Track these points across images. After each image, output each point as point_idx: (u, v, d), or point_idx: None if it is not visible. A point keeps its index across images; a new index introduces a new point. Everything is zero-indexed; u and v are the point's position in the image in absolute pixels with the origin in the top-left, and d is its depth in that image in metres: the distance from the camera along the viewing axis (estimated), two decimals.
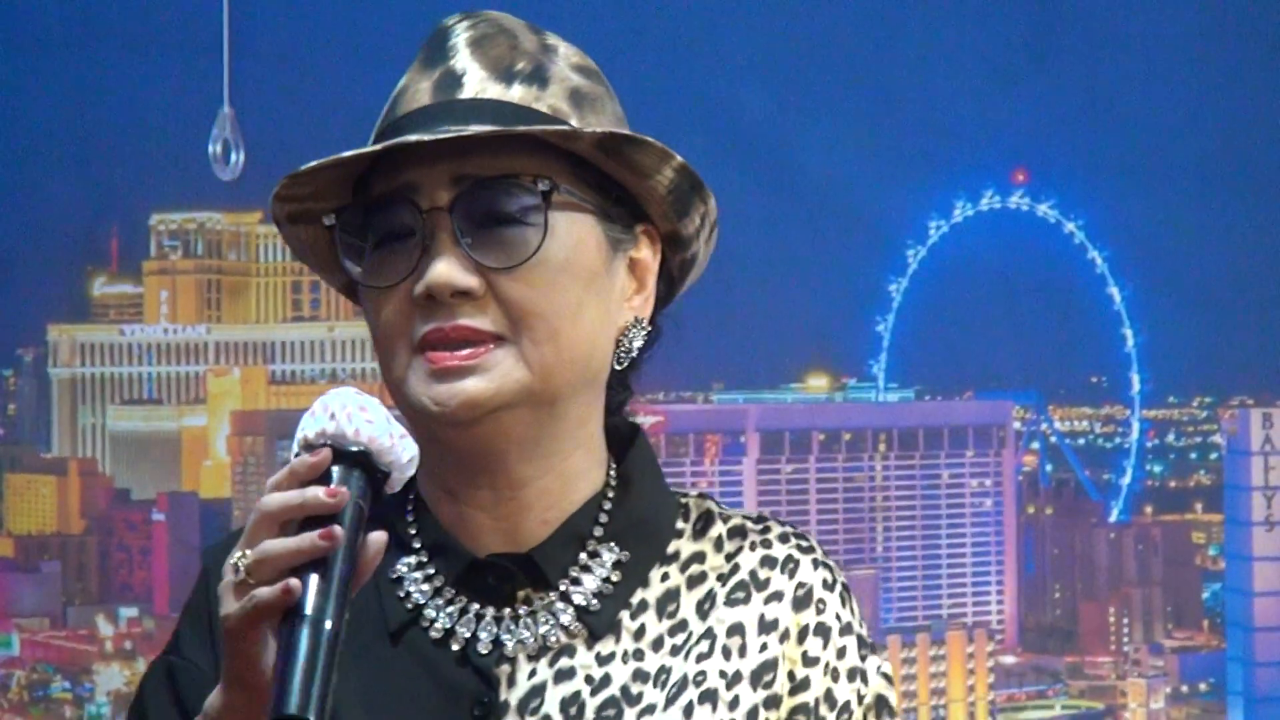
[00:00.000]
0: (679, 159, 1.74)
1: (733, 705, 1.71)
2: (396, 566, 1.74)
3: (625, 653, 1.72)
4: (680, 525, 1.79)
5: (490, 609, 1.73)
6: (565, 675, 1.71)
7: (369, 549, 1.55)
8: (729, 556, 1.77)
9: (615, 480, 1.78)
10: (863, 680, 1.76)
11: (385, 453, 1.57)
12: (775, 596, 1.75)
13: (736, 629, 1.74)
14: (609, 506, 1.76)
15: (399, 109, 1.74)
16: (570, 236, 1.71)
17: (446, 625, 1.72)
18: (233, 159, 16.00)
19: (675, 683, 1.72)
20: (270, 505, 1.55)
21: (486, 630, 1.72)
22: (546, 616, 1.72)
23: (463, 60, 1.73)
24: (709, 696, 1.71)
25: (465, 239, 1.68)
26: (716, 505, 1.81)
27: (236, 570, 1.54)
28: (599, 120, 1.74)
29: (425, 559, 1.75)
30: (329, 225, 1.72)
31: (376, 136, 1.74)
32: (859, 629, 1.77)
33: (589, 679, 1.71)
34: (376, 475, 1.58)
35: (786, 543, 1.78)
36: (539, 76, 1.73)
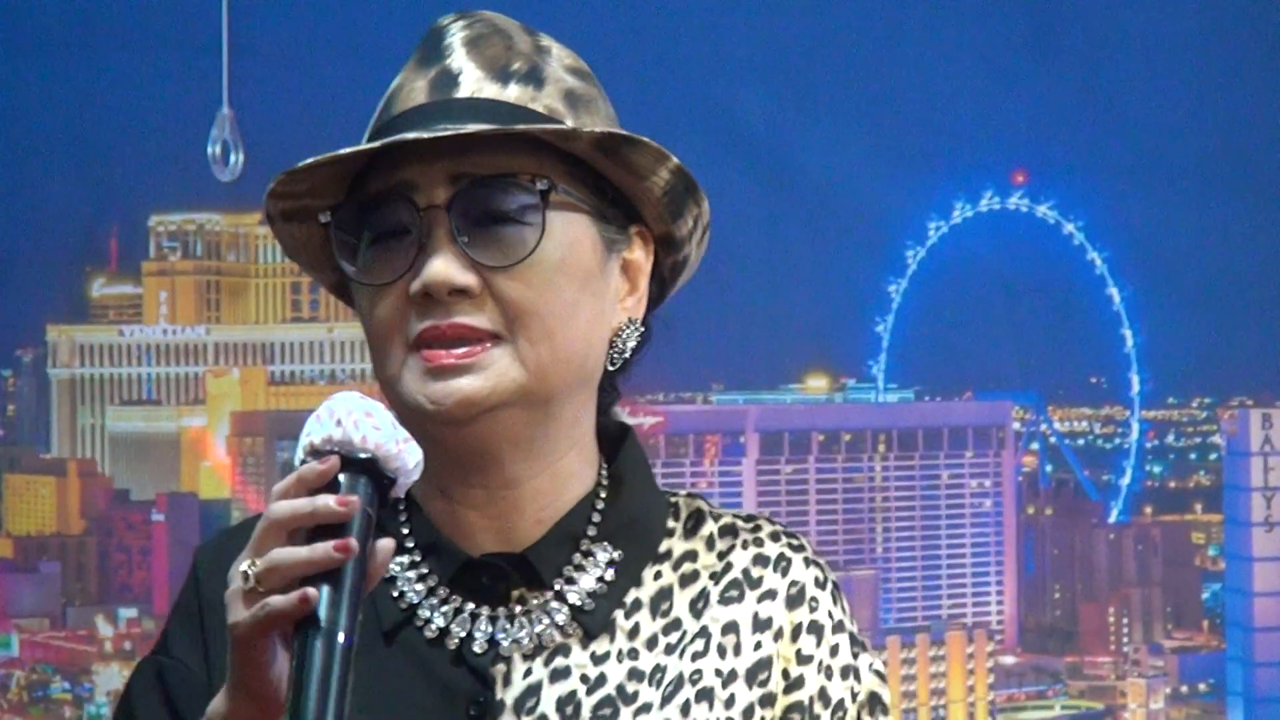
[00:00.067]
0: (675, 160, 1.74)
1: (729, 703, 1.72)
2: (389, 566, 1.74)
3: (620, 652, 1.73)
4: (671, 524, 1.79)
5: (485, 608, 1.73)
6: (561, 674, 1.71)
7: (376, 556, 1.54)
8: (721, 555, 1.78)
9: (607, 480, 1.78)
10: (856, 678, 1.76)
11: (392, 459, 1.56)
12: (769, 595, 1.76)
13: (731, 627, 1.74)
14: (601, 506, 1.76)
15: (394, 107, 1.74)
16: (567, 236, 1.71)
17: (441, 625, 1.72)
18: (232, 160, 15.99)
19: (671, 681, 1.72)
20: (279, 513, 1.53)
21: (481, 630, 1.71)
22: (541, 616, 1.72)
23: (459, 59, 1.73)
24: (705, 695, 1.72)
25: (462, 237, 1.68)
26: (706, 504, 1.81)
27: (246, 578, 1.53)
28: (594, 121, 1.74)
29: (418, 558, 1.75)
30: (325, 222, 1.72)
31: (371, 135, 1.74)
32: (850, 627, 1.77)
33: (584, 678, 1.72)
34: (383, 482, 1.57)
35: (778, 541, 1.79)
36: (535, 77, 1.73)
